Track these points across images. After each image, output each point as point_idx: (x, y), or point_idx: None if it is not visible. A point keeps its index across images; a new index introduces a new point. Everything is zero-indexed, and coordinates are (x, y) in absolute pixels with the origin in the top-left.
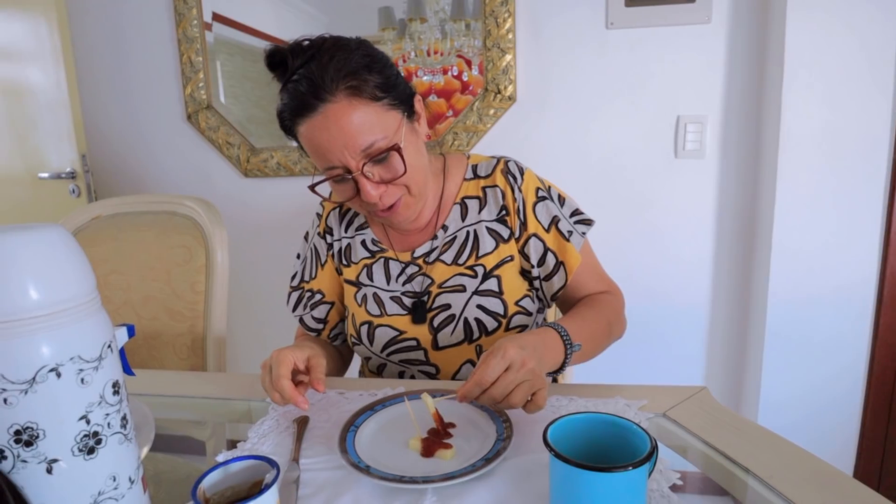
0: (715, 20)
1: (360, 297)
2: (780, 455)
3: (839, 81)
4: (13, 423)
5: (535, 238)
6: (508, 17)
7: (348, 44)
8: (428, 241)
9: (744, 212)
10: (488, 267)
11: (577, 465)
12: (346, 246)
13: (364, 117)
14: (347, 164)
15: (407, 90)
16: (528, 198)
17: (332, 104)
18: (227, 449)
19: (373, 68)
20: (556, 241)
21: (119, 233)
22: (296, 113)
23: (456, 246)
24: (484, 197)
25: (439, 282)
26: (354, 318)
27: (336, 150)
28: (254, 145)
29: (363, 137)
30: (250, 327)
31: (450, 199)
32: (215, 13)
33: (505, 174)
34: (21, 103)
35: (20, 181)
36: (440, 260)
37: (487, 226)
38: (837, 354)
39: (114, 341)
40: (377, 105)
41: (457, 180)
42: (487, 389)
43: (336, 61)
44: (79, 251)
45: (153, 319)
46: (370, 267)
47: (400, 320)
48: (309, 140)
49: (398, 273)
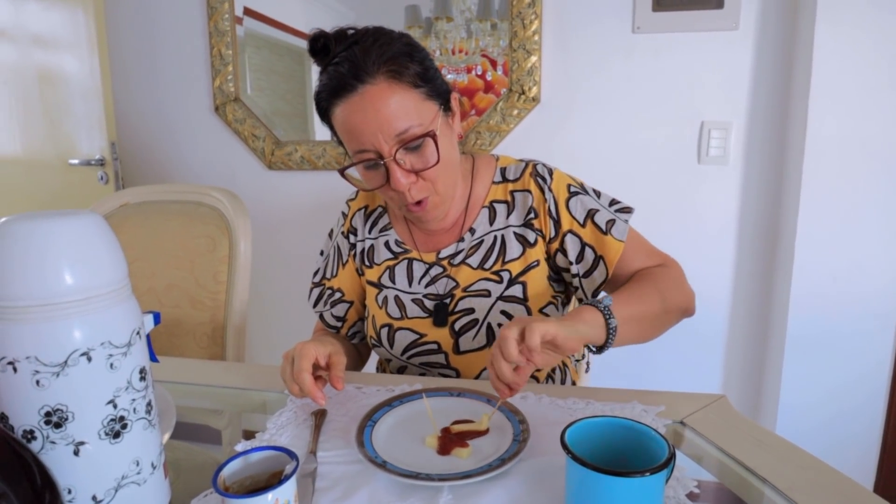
0: (743, 27)
1: (380, 299)
2: (799, 467)
3: (866, 90)
4: (44, 404)
5: (570, 234)
6: (535, 18)
7: (391, 33)
8: (454, 243)
9: (766, 219)
10: (514, 273)
11: (595, 468)
12: (369, 247)
13: (401, 102)
14: (380, 148)
15: (445, 86)
16: (560, 195)
17: (371, 86)
18: (244, 439)
19: (414, 57)
20: (594, 235)
21: (146, 220)
22: (333, 93)
23: (483, 250)
24: (512, 201)
25: (464, 285)
26: (375, 320)
27: (370, 132)
28: (279, 138)
29: (399, 122)
30: (269, 318)
31: (478, 202)
32: (246, 7)
33: (534, 177)
34: (55, 90)
35: (51, 167)
36: (466, 263)
37: (515, 231)
38: (859, 362)
39: (142, 328)
40: (415, 92)
41: (485, 182)
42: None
43: (379, 46)
44: (113, 238)
45: (175, 307)
46: (392, 269)
47: (421, 323)
48: (344, 122)
49: (422, 274)
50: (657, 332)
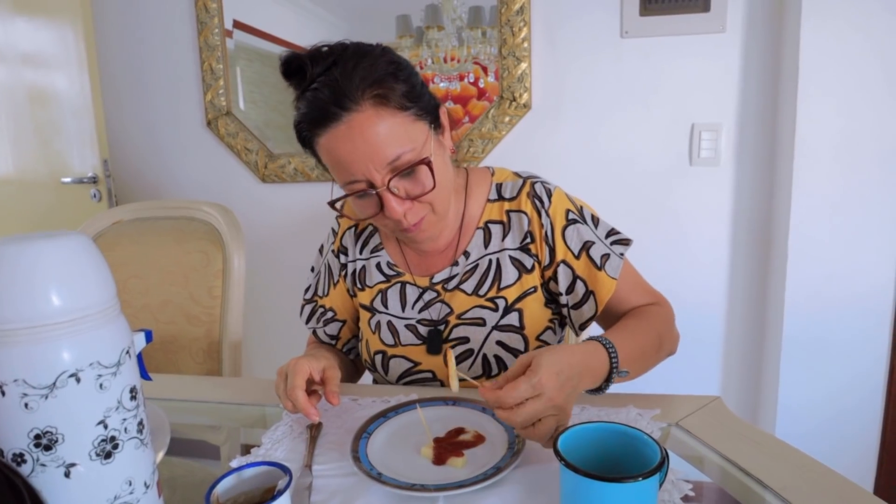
0: (729, 29)
1: (373, 323)
2: (795, 467)
3: (854, 88)
4: (33, 427)
5: (563, 265)
6: (524, 26)
7: (372, 50)
8: (448, 267)
9: (759, 219)
10: (510, 300)
11: (587, 475)
12: (360, 268)
13: (391, 128)
14: (372, 178)
15: (433, 101)
16: (557, 222)
17: (357, 113)
18: (242, 453)
19: (399, 76)
20: (587, 269)
21: (139, 237)
22: (316, 123)
23: (477, 275)
24: (508, 222)
25: (458, 312)
26: (368, 345)
27: (360, 162)
28: (272, 151)
29: (390, 149)
30: (265, 332)
31: (472, 222)
32: (236, 20)
33: (531, 198)
34: (46, 109)
35: (44, 186)
36: (460, 289)
37: (510, 254)
38: (856, 360)
39: (132, 347)
40: (404, 115)
41: (479, 200)
42: (508, 411)
43: (361, 68)
44: (100, 259)
45: (170, 323)
46: (385, 292)
47: (414, 350)
48: (330, 152)
49: (415, 299)
50: (643, 373)
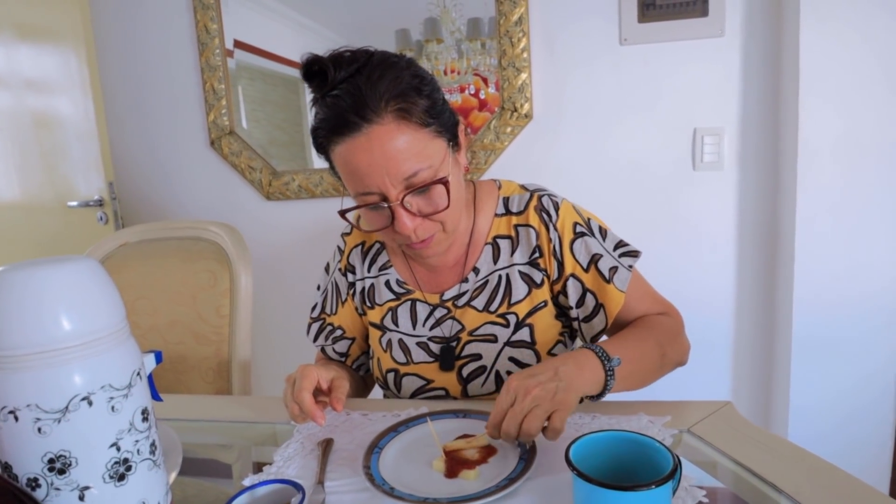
0: (728, 33)
1: (384, 342)
2: (809, 470)
3: (855, 90)
4: (47, 451)
5: (573, 278)
6: (523, 36)
7: (398, 62)
8: (458, 284)
9: (765, 222)
10: (521, 315)
11: (600, 484)
12: (369, 286)
13: (410, 143)
14: (386, 191)
15: (453, 118)
16: (565, 235)
17: (378, 126)
18: (254, 472)
19: (422, 91)
20: (596, 282)
21: (146, 259)
22: (335, 130)
23: (488, 291)
24: (516, 237)
25: (470, 328)
26: (380, 364)
27: (376, 175)
28: (275, 168)
29: (408, 164)
30: (274, 350)
31: (481, 238)
32: (237, 40)
33: (538, 212)
34: (51, 134)
35: (51, 210)
36: (471, 305)
37: (520, 269)
38: (866, 359)
39: (142, 368)
40: (425, 131)
41: (488, 215)
42: (501, 427)
43: (387, 80)
44: (109, 282)
45: (179, 343)
46: (395, 310)
47: (427, 368)
48: (346, 161)
49: (426, 316)
50: (646, 385)
